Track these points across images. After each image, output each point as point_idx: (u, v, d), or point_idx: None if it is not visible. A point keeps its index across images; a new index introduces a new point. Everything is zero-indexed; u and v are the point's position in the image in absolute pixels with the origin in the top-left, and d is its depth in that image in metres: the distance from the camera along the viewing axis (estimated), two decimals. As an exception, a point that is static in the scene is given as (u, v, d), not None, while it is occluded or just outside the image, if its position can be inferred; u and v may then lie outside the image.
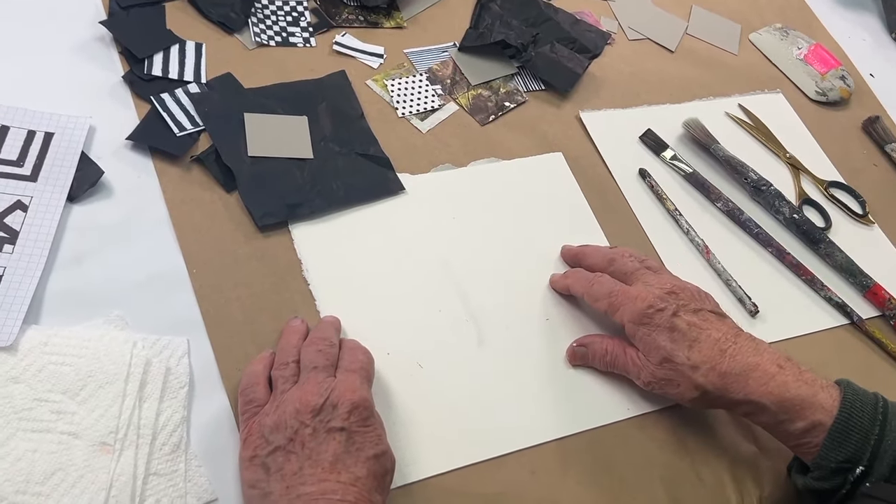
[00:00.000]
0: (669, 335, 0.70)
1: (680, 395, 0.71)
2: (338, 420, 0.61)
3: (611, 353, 0.75)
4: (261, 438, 0.62)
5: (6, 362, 0.64)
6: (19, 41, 0.82)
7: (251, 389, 0.66)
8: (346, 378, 0.65)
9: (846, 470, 0.66)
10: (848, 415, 0.67)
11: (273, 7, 0.91)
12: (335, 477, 0.59)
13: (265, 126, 0.81)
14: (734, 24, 1.10)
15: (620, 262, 0.77)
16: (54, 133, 0.76)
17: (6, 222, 0.71)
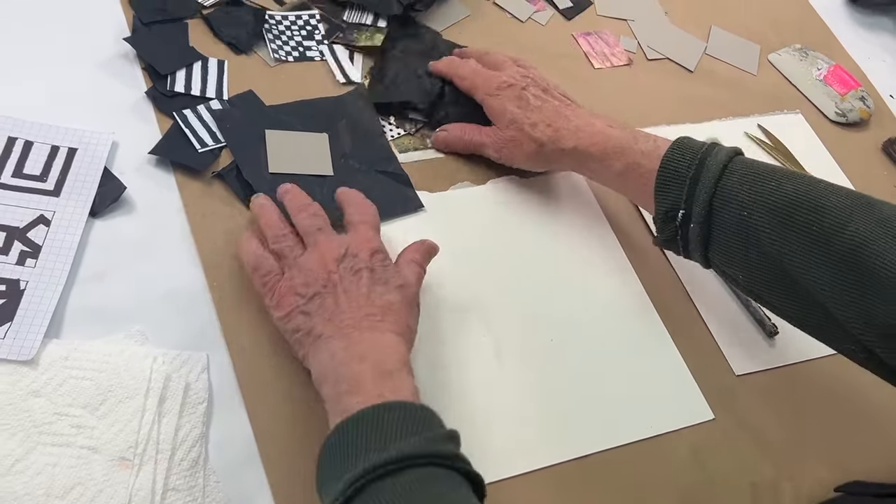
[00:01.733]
0: (518, 103, 0.81)
1: (522, 152, 0.81)
2: (362, 262, 0.68)
3: (468, 132, 0.85)
4: (294, 295, 0.67)
5: (27, 376, 0.64)
6: (43, 57, 0.83)
7: (263, 265, 0.69)
8: (357, 230, 0.71)
9: (673, 217, 0.72)
10: (667, 163, 0.72)
11: (287, 23, 0.92)
12: (371, 303, 0.66)
13: (286, 143, 0.82)
14: (753, 45, 1.10)
15: (494, 56, 0.88)
16: (77, 148, 0.77)
17: (29, 236, 0.71)
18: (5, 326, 0.66)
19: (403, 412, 0.58)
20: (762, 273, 0.69)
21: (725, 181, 0.70)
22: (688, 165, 0.71)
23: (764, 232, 0.67)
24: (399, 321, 0.66)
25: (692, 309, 0.84)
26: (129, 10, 0.88)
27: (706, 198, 0.70)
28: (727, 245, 0.70)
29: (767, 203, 0.67)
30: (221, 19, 0.89)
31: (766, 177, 0.69)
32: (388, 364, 0.63)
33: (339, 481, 0.55)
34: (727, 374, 0.80)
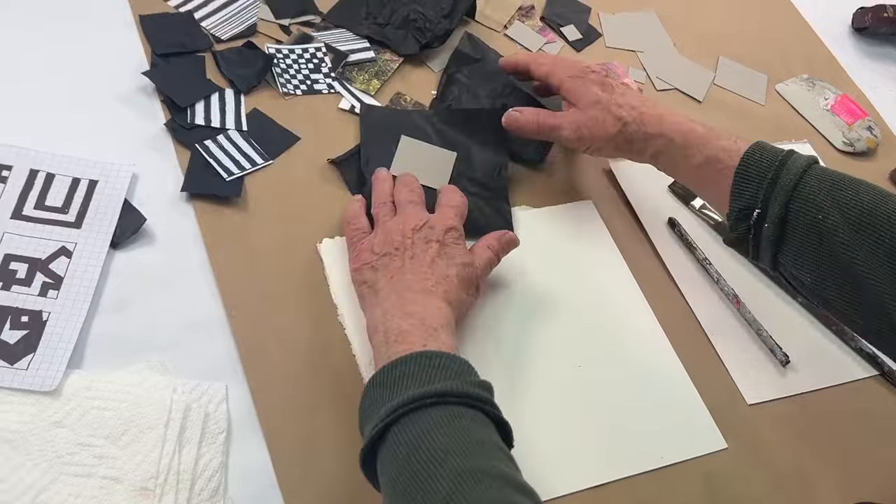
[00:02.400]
0: (601, 87, 0.83)
1: (604, 131, 0.81)
2: (435, 235, 0.75)
3: (542, 115, 0.85)
4: (370, 252, 0.75)
5: (50, 407, 0.65)
6: (64, 91, 0.84)
7: (356, 220, 0.78)
8: (441, 211, 0.78)
9: (748, 216, 0.73)
10: (747, 162, 0.74)
11: (294, 56, 0.93)
12: (431, 271, 0.72)
13: (416, 152, 0.87)
14: (761, 75, 1.11)
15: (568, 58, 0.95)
16: (98, 180, 0.78)
17: (51, 268, 0.72)
18: (28, 357, 0.67)
19: (444, 359, 0.64)
20: (832, 277, 0.70)
21: (804, 185, 0.71)
22: (767, 166, 0.73)
23: (837, 236, 0.69)
24: (450, 291, 0.72)
25: (704, 339, 0.84)
26: (147, 43, 0.89)
27: (783, 199, 0.71)
28: (799, 247, 0.72)
29: (843, 209, 0.69)
30: (231, 59, 0.90)
31: (844, 185, 0.71)
32: (434, 322, 0.68)
33: (381, 409, 0.60)
34: (739, 404, 0.81)
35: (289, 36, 0.95)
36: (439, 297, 0.71)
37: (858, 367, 0.86)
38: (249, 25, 0.94)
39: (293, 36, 0.95)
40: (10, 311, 0.69)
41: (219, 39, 0.92)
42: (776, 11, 1.21)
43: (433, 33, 0.97)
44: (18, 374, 0.66)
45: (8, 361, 0.66)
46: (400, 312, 0.69)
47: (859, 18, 1.22)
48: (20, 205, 0.75)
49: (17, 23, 0.88)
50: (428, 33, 0.97)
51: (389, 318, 0.69)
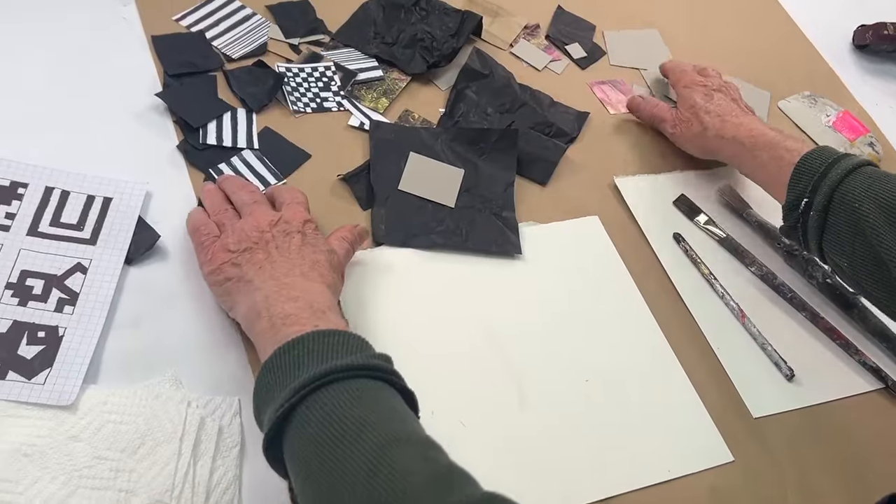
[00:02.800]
0: (703, 96, 0.96)
1: (689, 131, 0.95)
2: (294, 228, 0.74)
3: (657, 106, 1.00)
4: (225, 252, 0.72)
5: (67, 421, 0.66)
6: (79, 110, 0.86)
7: (204, 226, 0.75)
8: (290, 208, 0.76)
9: (797, 206, 0.82)
10: (805, 159, 0.83)
11: (304, 75, 0.95)
12: (302, 258, 0.72)
13: (424, 168, 0.88)
14: (763, 92, 1.13)
15: (705, 67, 1.02)
16: (113, 198, 0.79)
17: (67, 284, 0.73)
18: (45, 372, 0.68)
19: (340, 337, 0.63)
20: (864, 262, 0.78)
21: (849, 180, 0.80)
22: (821, 163, 0.82)
23: (869, 224, 0.77)
24: (325, 275, 0.72)
25: (710, 352, 0.85)
26: (159, 63, 0.91)
27: (828, 190, 0.80)
28: (838, 234, 0.80)
29: (878, 200, 0.77)
30: (242, 78, 0.92)
31: (885, 180, 0.79)
32: (320, 304, 0.67)
33: (283, 390, 0.59)
34: (745, 417, 0.82)
35: (298, 55, 0.96)
36: (317, 281, 0.70)
37: (863, 381, 0.87)
38: (260, 45, 0.95)
39: (303, 55, 0.96)
40: (26, 326, 0.70)
41: (230, 59, 0.93)
42: (778, 29, 1.23)
43: (440, 52, 0.98)
44: (36, 388, 0.67)
45: (25, 376, 0.68)
46: (282, 296, 0.67)
47: (860, 36, 1.23)
48: (36, 222, 0.76)
49: (31, 44, 0.89)
50: (435, 52, 0.98)
51: (272, 303, 0.67)
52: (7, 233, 0.75)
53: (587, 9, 1.14)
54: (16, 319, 0.70)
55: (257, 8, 0.99)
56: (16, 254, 0.74)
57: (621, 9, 1.17)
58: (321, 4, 1.01)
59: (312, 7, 1.01)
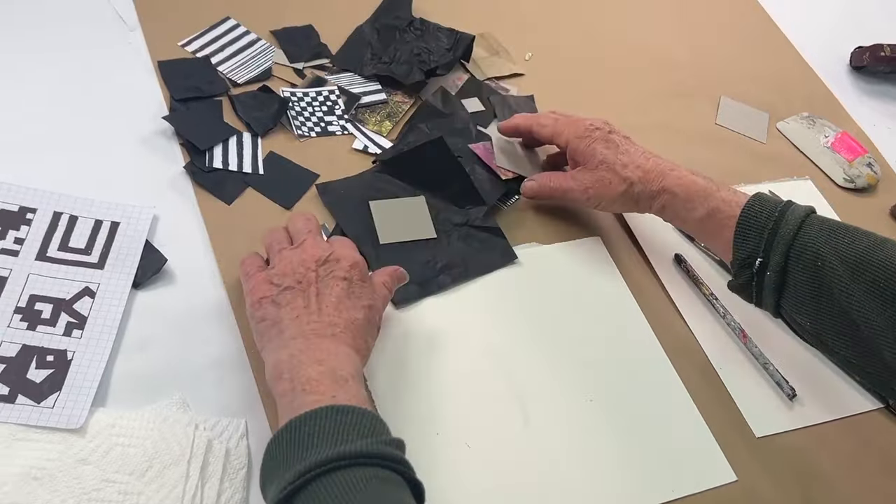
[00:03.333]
0: (605, 144, 0.86)
1: (611, 191, 0.85)
2: (340, 271, 0.71)
3: (554, 180, 0.90)
4: (268, 284, 0.70)
5: (76, 444, 0.67)
6: (87, 135, 0.87)
7: (252, 260, 0.74)
8: (343, 242, 0.75)
9: (750, 264, 0.77)
10: (748, 213, 0.78)
11: (308, 99, 0.96)
12: (338, 314, 0.69)
13: (389, 212, 0.87)
14: (762, 113, 1.14)
15: (563, 112, 0.93)
16: (120, 222, 0.80)
17: (75, 308, 0.74)
18: (54, 396, 0.69)
19: (355, 415, 0.61)
20: (831, 321, 0.74)
21: (803, 234, 0.75)
22: (767, 217, 0.77)
23: (835, 282, 0.73)
24: (357, 338, 0.70)
25: (712, 373, 0.86)
26: (165, 88, 0.92)
27: (784, 248, 0.75)
28: (800, 293, 0.75)
29: (841, 256, 0.73)
30: (247, 102, 0.93)
31: (841, 232, 0.75)
32: (344, 371, 0.66)
33: (289, 471, 0.57)
34: (748, 437, 0.82)
35: (303, 79, 0.98)
36: (347, 344, 0.68)
37: (864, 400, 0.88)
38: (265, 70, 0.96)
39: (307, 79, 0.98)
40: (35, 350, 0.71)
41: (235, 83, 0.94)
42: (776, 51, 1.24)
43: (437, 62, 1.00)
44: (45, 412, 0.68)
45: (35, 400, 0.68)
46: (308, 358, 0.66)
47: (857, 57, 1.25)
48: (45, 246, 0.77)
49: (39, 70, 0.91)
50: (432, 63, 0.99)
51: (297, 365, 0.65)
52: (16, 257, 0.76)
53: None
54: (25, 343, 0.71)
55: (262, 33, 1.00)
56: (25, 278, 0.75)
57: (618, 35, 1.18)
58: (325, 29, 1.03)
59: (316, 32, 1.02)
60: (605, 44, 1.16)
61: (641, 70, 1.14)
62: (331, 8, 1.06)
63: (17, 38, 0.93)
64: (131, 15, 0.98)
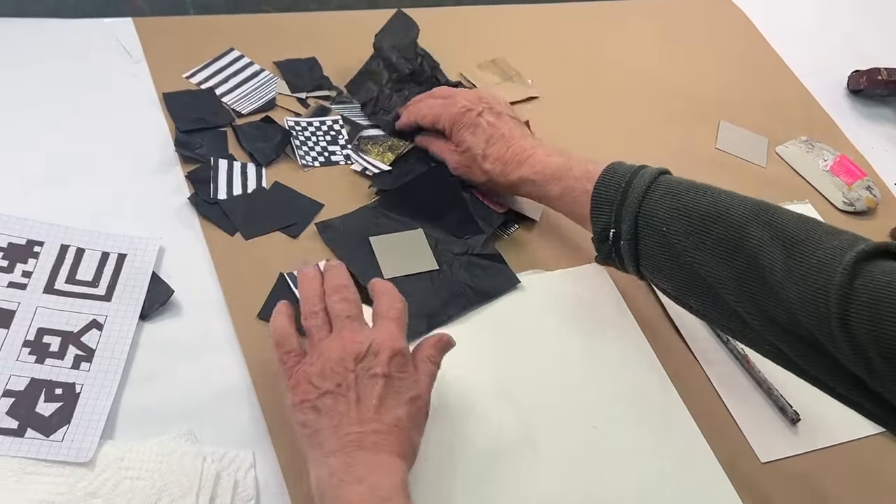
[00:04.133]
0: (472, 131, 0.89)
1: (475, 177, 0.91)
2: (379, 367, 0.68)
3: (436, 142, 0.93)
4: (308, 385, 0.68)
5: (85, 477, 0.67)
6: (93, 167, 0.88)
7: (286, 341, 0.71)
8: (384, 326, 0.71)
9: (606, 236, 0.80)
10: (598, 187, 0.81)
11: (312, 128, 0.97)
12: (379, 417, 0.66)
13: (390, 246, 0.87)
14: (761, 138, 1.15)
15: (442, 89, 0.97)
16: (127, 254, 0.81)
17: (83, 341, 0.75)
18: (63, 429, 0.69)
19: None
20: (685, 282, 0.77)
21: (648, 200, 0.78)
22: (615, 188, 0.80)
23: (681, 244, 0.75)
24: (403, 441, 0.67)
25: (716, 398, 0.86)
26: (170, 119, 0.93)
27: (631, 218, 0.78)
28: (653, 258, 0.78)
29: (682, 217, 0.75)
30: (251, 133, 0.94)
31: (683, 193, 0.77)
32: (386, 489, 0.63)
33: None
34: (753, 462, 0.82)
35: (307, 108, 0.99)
36: (391, 453, 0.66)
37: (867, 423, 0.87)
38: (269, 100, 0.97)
39: (311, 109, 0.99)
40: (44, 384, 0.71)
41: (240, 114, 0.95)
42: (774, 76, 1.26)
43: None
44: (54, 446, 0.68)
45: (43, 434, 0.68)
46: (348, 477, 0.64)
47: (854, 81, 1.26)
48: (52, 279, 0.78)
49: (43, 102, 0.92)
50: None
51: (337, 483, 0.63)
52: (24, 291, 0.76)
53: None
54: (33, 377, 0.72)
55: (265, 64, 1.02)
56: (33, 311, 0.75)
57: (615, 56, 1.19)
58: (328, 61, 1.04)
59: (319, 64, 1.03)
60: (608, 70, 1.17)
61: (643, 96, 1.15)
62: (333, 40, 1.07)
63: (21, 72, 0.94)
64: (136, 48, 0.99)
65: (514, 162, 0.88)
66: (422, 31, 1.04)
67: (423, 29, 1.04)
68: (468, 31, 1.16)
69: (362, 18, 1.12)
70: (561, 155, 0.86)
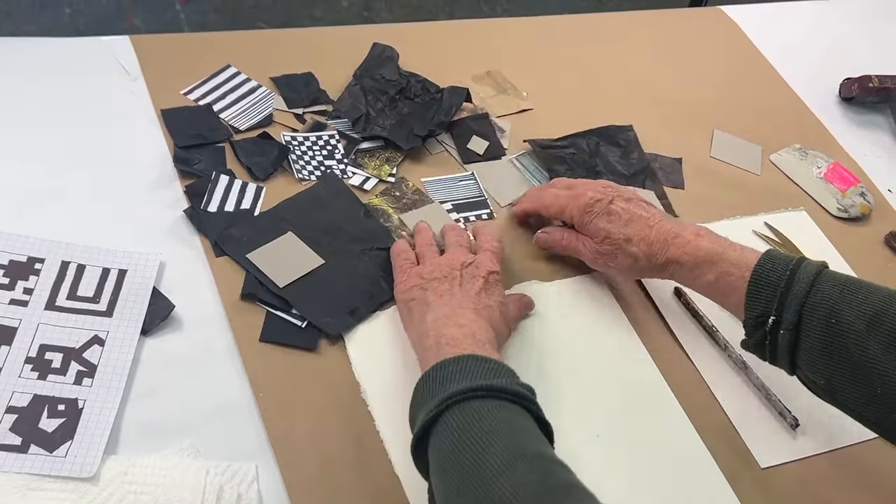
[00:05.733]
0: (608, 219, 0.87)
1: (619, 265, 0.87)
2: (480, 273, 0.82)
3: (566, 239, 0.91)
4: (419, 277, 0.82)
5: (89, 493, 0.67)
6: (92, 184, 0.88)
7: (405, 252, 0.87)
8: (485, 254, 0.85)
9: (763, 323, 0.77)
10: (759, 273, 0.78)
11: (308, 143, 0.97)
12: (478, 300, 0.80)
13: (271, 256, 0.86)
14: (755, 146, 1.16)
15: (564, 180, 0.95)
16: (127, 270, 0.81)
17: (85, 356, 0.75)
18: (66, 445, 0.69)
19: (492, 364, 0.70)
20: (846, 378, 0.73)
21: (816, 290, 0.75)
22: (779, 276, 0.77)
23: (850, 338, 0.72)
24: (493, 319, 0.80)
25: (715, 405, 0.87)
26: (168, 136, 0.93)
27: (797, 306, 0.75)
28: (813, 350, 0.75)
29: (856, 311, 0.73)
30: (248, 148, 0.94)
31: (854, 288, 0.75)
32: (482, 336, 0.76)
33: (434, 399, 0.66)
34: (753, 468, 0.83)
35: (303, 124, 0.99)
36: (485, 320, 0.78)
37: (866, 428, 0.88)
38: (266, 116, 0.98)
39: (308, 124, 0.99)
40: (46, 400, 0.72)
41: (237, 130, 0.96)
42: (766, 84, 1.26)
43: (435, 120, 1.02)
44: (58, 461, 0.68)
45: (47, 450, 0.69)
46: (451, 322, 0.76)
47: (846, 89, 1.27)
48: (53, 296, 0.78)
49: (41, 120, 0.93)
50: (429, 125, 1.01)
51: (441, 325, 0.76)
52: (26, 308, 0.77)
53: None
54: (36, 393, 0.72)
55: (262, 80, 1.02)
56: (35, 328, 0.76)
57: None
58: (324, 76, 1.05)
59: (316, 79, 1.04)
60: (603, 81, 1.18)
61: (638, 106, 1.16)
62: (328, 55, 1.08)
63: (20, 91, 0.94)
64: (134, 65, 1.00)
65: (659, 243, 0.84)
66: (416, 45, 1.05)
67: (418, 43, 1.05)
68: (463, 44, 1.17)
69: (357, 33, 1.13)
70: (709, 236, 0.84)
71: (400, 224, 0.93)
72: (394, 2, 2.29)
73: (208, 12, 2.12)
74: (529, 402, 0.68)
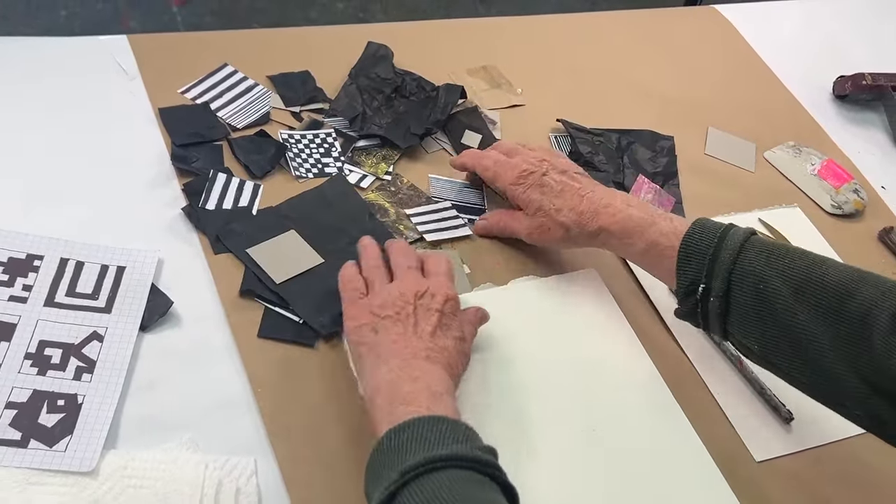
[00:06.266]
0: (540, 190, 0.88)
1: (552, 237, 0.88)
2: (435, 304, 0.77)
3: (502, 220, 0.92)
4: (369, 313, 0.76)
5: (88, 487, 0.68)
6: (91, 182, 0.89)
7: (354, 281, 0.80)
8: (438, 278, 0.80)
9: (693, 291, 0.78)
10: (688, 242, 0.79)
11: (305, 141, 0.98)
12: (433, 341, 0.75)
13: (270, 253, 0.86)
14: (749, 143, 1.17)
15: (504, 143, 0.96)
16: (126, 266, 0.82)
17: (84, 352, 0.75)
18: (66, 440, 0.70)
19: (450, 424, 0.66)
20: (776, 342, 0.75)
21: (743, 258, 0.76)
22: (707, 244, 0.78)
23: (778, 303, 0.74)
24: (451, 361, 0.75)
25: (710, 398, 0.87)
26: (166, 134, 0.94)
27: (725, 273, 0.76)
28: (744, 316, 0.77)
29: (782, 276, 0.74)
30: (245, 146, 0.95)
31: (780, 254, 0.76)
32: (438, 387, 0.71)
33: (394, 471, 0.62)
34: (748, 461, 0.83)
35: (300, 122, 1.00)
36: (442, 366, 0.74)
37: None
38: (263, 114, 0.99)
39: (305, 122, 1.00)
40: (46, 395, 0.72)
41: (235, 128, 0.96)
42: (760, 83, 1.27)
43: (432, 119, 1.02)
44: (57, 456, 0.69)
45: (47, 444, 0.69)
46: (405, 375, 0.71)
47: (840, 86, 1.28)
48: (52, 292, 0.79)
49: (40, 118, 0.93)
50: (425, 124, 1.02)
51: (395, 379, 0.71)
52: (25, 304, 0.77)
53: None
54: (36, 389, 0.72)
55: (259, 78, 1.03)
56: (34, 324, 0.76)
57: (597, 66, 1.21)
58: (320, 74, 1.05)
59: (313, 77, 1.04)
60: (596, 79, 1.19)
61: (632, 104, 1.17)
62: (324, 54, 1.08)
63: (19, 90, 0.95)
64: (131, 65, 1.00)
65: (590, 212, 0.86)
66: (411, 44, 1.06)
67: (412, 42, 1.06)
68: (457, 43, 1.17)
69: (352, 33, 1.14)
70: (640, 206, 0.85)
71: (397, 218, 0.94)
72: (389, 4, 2.30)
73: (204, 15, 2.13)
74: (492, 467, 0.64)
